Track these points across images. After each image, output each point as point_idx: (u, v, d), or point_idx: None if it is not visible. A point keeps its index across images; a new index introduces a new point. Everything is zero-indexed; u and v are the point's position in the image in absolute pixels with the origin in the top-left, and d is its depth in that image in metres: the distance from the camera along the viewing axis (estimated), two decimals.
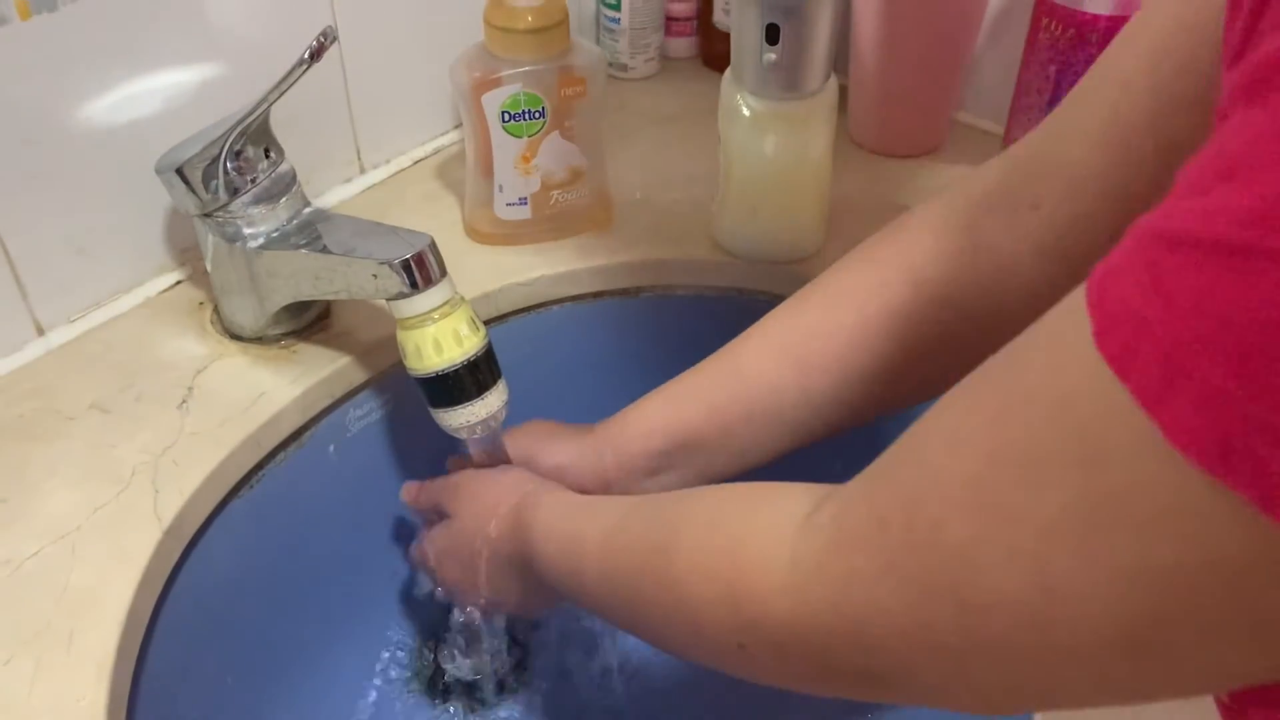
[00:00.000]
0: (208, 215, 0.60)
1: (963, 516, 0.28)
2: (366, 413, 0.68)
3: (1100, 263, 0.26)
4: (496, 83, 0.66)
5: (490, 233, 0.73)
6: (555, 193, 0.72)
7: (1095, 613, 0.26)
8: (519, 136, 0.68)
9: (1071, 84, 0.71)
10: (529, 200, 0.71)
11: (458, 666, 0.73)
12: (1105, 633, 0.26)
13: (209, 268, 0.63)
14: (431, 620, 0.77)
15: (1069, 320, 0.26)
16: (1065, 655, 0.28)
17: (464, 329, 0.56)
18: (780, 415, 0.54)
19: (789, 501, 0.38)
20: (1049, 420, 0.26)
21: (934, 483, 0.30)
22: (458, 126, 0.83)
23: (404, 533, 0.75)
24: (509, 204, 0.71)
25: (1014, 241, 0.47)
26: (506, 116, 0.67)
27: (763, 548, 0.37)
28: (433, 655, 0.74)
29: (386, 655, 0.75)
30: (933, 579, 0.30)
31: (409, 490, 0.64)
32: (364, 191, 0.78)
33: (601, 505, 0.51)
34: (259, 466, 0.61)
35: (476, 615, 0.63)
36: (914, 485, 0.31)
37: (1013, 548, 0.27)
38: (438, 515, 0.62)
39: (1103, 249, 0.26)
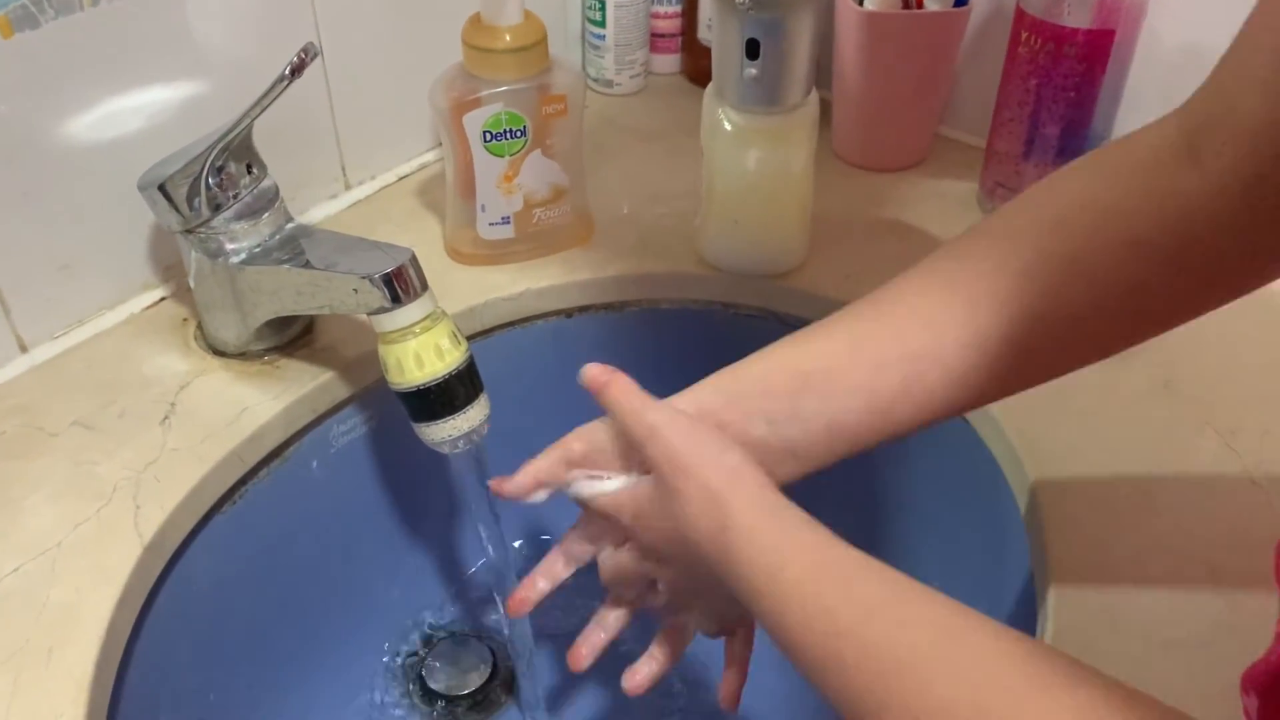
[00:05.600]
0: (190, 231, 0.60)
1: None
2: (350, 428, 0.68)
3: None
4: (476, 103, 0.66)
5: (472, 253, 0.73)
6: (538, 211, 0.72)
7: None
8: (501, 156, 0.69)
9: (1052, 97, 0.71)
10: (512, 219, 0.71)
11: (442, 682, 0.73)
12: None
13: (192, 284, 0.63)
14: (416, 636, 0.77)
15: None
16: None
17: (445, 343, 0.57)
18: (941, 359, 0.47)
19: None
20: None
21: None
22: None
23: (386, 548, 0.75)
24: (492, 223, 0.71)
25: (1201, 185, 0.43)
26: (488, 136, 0.68)
27: None
28: (418, 671, 0.74)
29: (371, 671, 0.75)
30: None
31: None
32: (350, 207, 0.79)
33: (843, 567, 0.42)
34: (241, 482, 0.61)
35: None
36: None
37: None
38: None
39: None
